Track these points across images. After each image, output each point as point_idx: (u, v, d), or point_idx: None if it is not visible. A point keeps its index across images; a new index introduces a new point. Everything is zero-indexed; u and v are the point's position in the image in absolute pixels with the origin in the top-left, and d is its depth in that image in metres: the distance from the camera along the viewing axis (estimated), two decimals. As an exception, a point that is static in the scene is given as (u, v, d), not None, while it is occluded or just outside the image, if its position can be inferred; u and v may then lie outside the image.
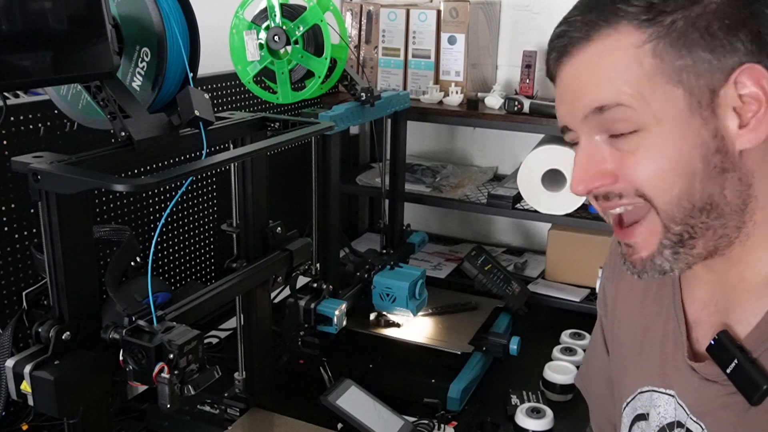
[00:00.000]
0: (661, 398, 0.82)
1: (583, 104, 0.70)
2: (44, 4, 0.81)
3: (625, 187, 0.71)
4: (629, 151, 0.69)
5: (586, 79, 0.70)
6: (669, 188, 0.68)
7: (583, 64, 0.70)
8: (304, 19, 1.34)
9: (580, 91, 0.71)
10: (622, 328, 0.92)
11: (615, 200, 0.72)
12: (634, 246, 0.73)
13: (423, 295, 1.53)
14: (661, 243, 0.71)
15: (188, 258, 1.57)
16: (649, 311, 0.87)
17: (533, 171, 1.72)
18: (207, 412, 1.26)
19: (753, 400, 0.70)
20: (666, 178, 0.68)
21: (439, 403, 1.36)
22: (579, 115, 0.71)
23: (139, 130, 0.91)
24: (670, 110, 0.67)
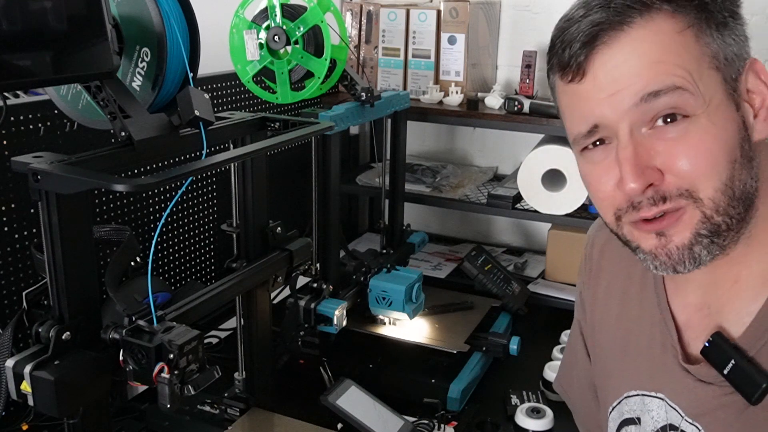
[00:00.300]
0: (652, 402, 0.81)
1: (633, 92, 0.66)
2: (44, 4, 0.81)
3: (672, 185, 0.67)
4: (677, 138, 0.66)
5: (635, 65, 0.66)
6: (718, 174, 0.66)
7: (625, 52, 0.66)
8: (305, 20, 1.34)
9: (627, 80, 0.66)
10: (603, 333, 0.91)
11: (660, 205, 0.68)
12: (668, 235, 0.69)
13: (420, 298, 1.52)
14: (698, 232, 0.68)
15: (188, 258, 1.57)
16: (631, 315, 0.85)
17: (533, 171, 1.72)
18: (207, 412, 1.26)
19: (753, 399, 0.69)
20: (716, 163, 0.66)
21: (439, 403, 1.36)
22: (624, 106, 0.67)
23: (139, 130, 0.91)
24: (715, 95, 0.66)
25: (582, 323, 0.97)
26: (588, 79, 0.68)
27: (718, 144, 0.66)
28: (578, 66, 0.68)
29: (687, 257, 0.69)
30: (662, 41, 0.65)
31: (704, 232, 0.68)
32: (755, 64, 0.69)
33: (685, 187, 0.67)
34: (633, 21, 0.66)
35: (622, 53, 0.66)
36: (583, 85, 0.69)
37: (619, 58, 0.66)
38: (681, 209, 0.68)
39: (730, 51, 0.67)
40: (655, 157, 0.67)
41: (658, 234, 0.70)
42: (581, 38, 0.67)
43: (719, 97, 0.66)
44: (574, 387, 1.01)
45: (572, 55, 0.68)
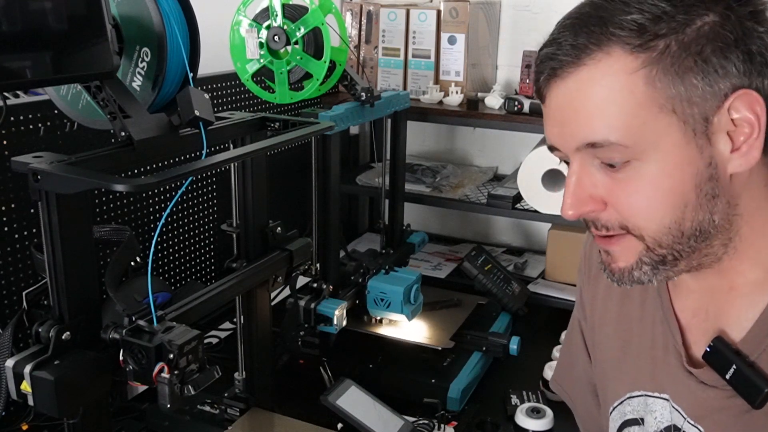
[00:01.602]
0: (656, 403, 0.82)
1: (575, 136, 0.68)
2: (44, 4, 0.81)
3: (611, 218, 0.70)
4: (621, 179, 0.68)
5: (578, 107, 0.67)
6: (659, 219, 0.68)
7: (573, 89, 0.67)
8: (306, 21, 1.34)
9: (572, 120, 0.68)
10: (603, 333, 0.91)
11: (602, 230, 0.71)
12: (613, 255, 0.73)
13: (418, 299, 1.52)
14: (640, 260, 0.70)
15: (188, 258, 1.57)
16: (631, 315, 0.86)
17: (533, 171, 1.72)
18: (207, 412, 1.26)
19: (756, 403, 0.70)
20: (658, 209, 0.67)
21: (439, 403, 1.36)
22: (571, 145, 0.70)
23: (139, 130, 0.91)
24: (664, 139, 0.65)
25: (582, 323, 0.97)
26: (547, 105, 0.71)
27: (660, 192, 0.67)
28: (539, 90, 0.71)
29: (627, 278, 0.72)
30: (608, 84, 0.65)
31: (647, 260, 0.70)
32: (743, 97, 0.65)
33: (625, 224, 0.69)
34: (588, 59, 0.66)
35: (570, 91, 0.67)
36: (545, 108, 0.72)
37: (567, 96, 0.68)
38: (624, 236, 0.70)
39: (696, 92, 0.64)
40: (601, 188, 0.69)
41: (605, 251, 0.74)
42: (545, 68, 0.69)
43: (671, 141, 0.65)
44: (577, 388, 1.01)
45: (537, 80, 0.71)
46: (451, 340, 1.51)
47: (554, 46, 0.68)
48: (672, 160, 0.66)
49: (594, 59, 0.65)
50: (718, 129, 0.66)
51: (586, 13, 0.67)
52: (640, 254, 0.70)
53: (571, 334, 1.02)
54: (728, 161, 0.67)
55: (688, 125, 0.65)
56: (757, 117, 0.65)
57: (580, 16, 0.67)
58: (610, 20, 0.65)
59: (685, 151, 0.66)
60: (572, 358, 1.01)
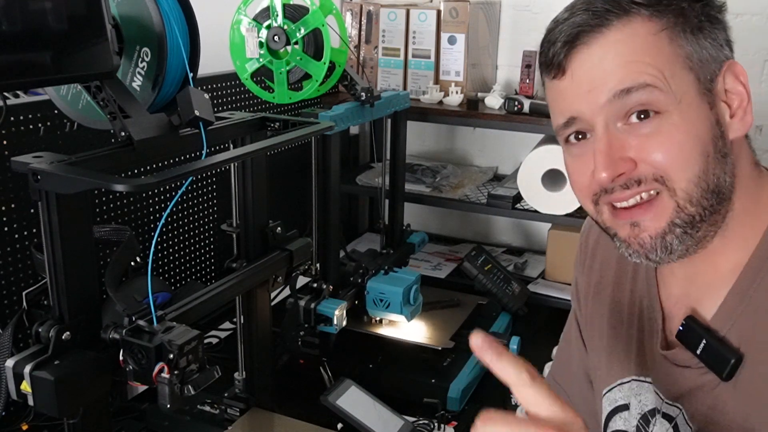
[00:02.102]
0: (642, 386, 0.85)
1: (607, 89, 0.70)
2: (44, 4, 0.81)
3: (645, 171, 0.71)
4: (650, 133, 0.70)
5: (610, 64, 0.70)
6: (691, 166, 0.70)
7: (603, 50, 0.70)
8: (306, 22, 1.34)
9: (603, 78, 0.70)
10: (597, 322, 0.94)
11: (633, 188, 0.72)
12: (642, 225, 0.73)
13: (417, 300, 1.52)
14: (672, 222, 0.72)
15: (188, 258, 1.57)
16: (622, 303, 0.89)
17: (533, 171, 1.72)
18: (207, 412, 1.26)
19: (723, 375, 0.73)
20: (688, 156, 0.70)
21: (439, 403, 1.36)
22: (599, 102, 0.71)
23: (139, 130, 0.91)
24: (687, 93, 0.70)
25: (578, 313, 1.00)
26: (567, 76, 0.73)
27: (689, 138, 0.70)
28: (559, 64, 0.73)
29: (659, 246, 0.73)
30: (637, 43, 0.70)
31: (678, 221, 0.72)
32: (733, 66, 0.72)
33: (660, 174, 0.71)
34: (611, 23, 0.70)
35: (598, 53, 0.71)
36: (563, 81, 0.74)
37: (595, 58, 0.71)
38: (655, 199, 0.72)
39: (705, 53, 0.70)
40: (629, 149, 0.71)
41: (633, 224, 0.74)
42: (563, 38, 0.72)
43: (691, 96, 0.70)
44: (573, 380, 1.02)
45: (555, 54, 0.73)
46: (451, 340, 1.51)
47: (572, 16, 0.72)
48: (693, 112, 0.70)
49: (618, 25, 0.70)
50: (718, 93, 0.72)
51: None
52: (671, 216, 0.72)
53: (568, 329, 1.05)
54: (729, 126, 0.72)
55: (701, 84, 0.71)
56: (744, 85, 0.72)
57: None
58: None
59: (701, 107, 0.71)
60: (569, 353, 1.03)
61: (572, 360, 1.01)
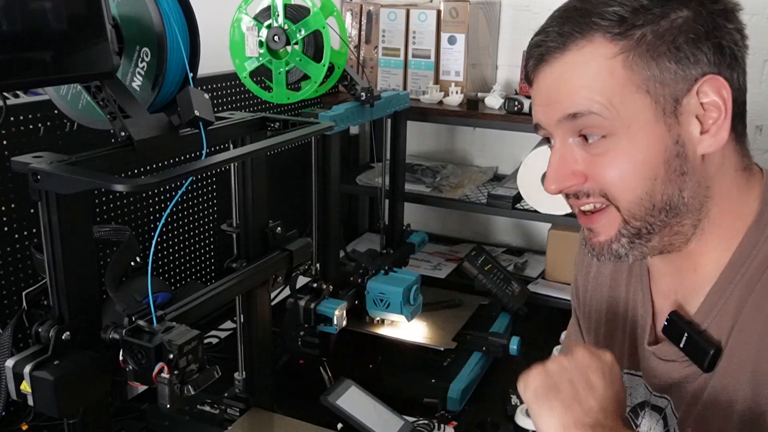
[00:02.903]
0: (633, 380, 0.90)
1: (559, 109, 0.75)
2: (44, 4, 0.81)
3: (592, 187, 0.76)
4: (599, 154, 0.74)
5: (562, 86, 0.75)
6: (632, 189, 0.74)
7: (559, 71, 0.75)
8: (307, 23, 1.34)
9: (556, 98, 0.75)
10: (593, 317, 0.97)
11: (583, 198, 0.77)
12: (595, 231, 0.79)
13: (417, 300, 1.52)
14: (619, 232, 0.76)
15: (188, 258, 1.57)
16: (618, 298, 0.93)
17: (533, 171, 1.72)
18: (207, 412, 1.26)
19: (704, 366, 0.76)
20: (630, 180, 0.73)
21: (439, 403, 1.36)
22: (554, 119, 0.76)
23: (139, 130, 0.91)
24: (637, 117, 0.72)
25: (577, 310, 1.03)
26: (534, 88, 0.79)
27: (633, 163, 0.73)
28: (527, 75, 0.80)
29: (606, 251, 0.78)
30: (591, 66, 0.72)
31: (624, 232, 0.76)
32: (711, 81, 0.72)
33: (603, 192, 0.76)
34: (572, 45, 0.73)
35: (556, 74, 0.75)
36: (533, 91, 0.80)
37: (553, 77, 0.75)
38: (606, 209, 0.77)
39: (667, 75, 0.71)
40: (580, 163, 0.76)
41: (588, 228, 0.80)
42: (534, 54, 0.77)
43: (644, 119, 0.72)
44: None
45: (527, 65, 0.79)
46: (454, 340, 1.51)
47: (543, 34, 0.76)
48: (644, 136, 0.73)
49: (578, 45, 0.73)
50: (687, 111, 0.72)
51: (573, 6, 0.75)
52: (619, 227, 0.76)
53: (570, 328, 1.07)
54: (698, 143, 0.73)
55: (659, 105, 0.72)
56: (724, 100, 0.72)
57: (567, 9, 0.75)
58: (594, 11, 0.72)
59: (656, 129, 0.72)
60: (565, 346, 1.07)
61: None
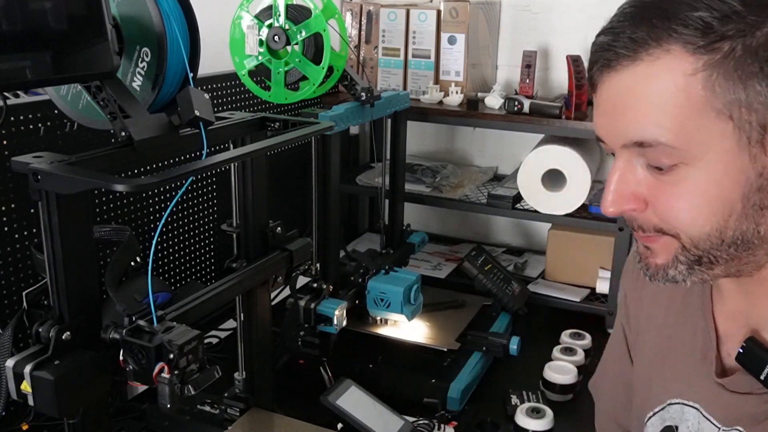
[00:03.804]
0: (689, 412, 0.81)
1: (623, 132, 0.66)
2: (44, 4, 0.81)
3: (648, 220, 0.68)
4: (666, 181, 0.66)
5: (629, 103, 0.65)
6: (700, 226, 0.65)
7: (627, 84, 0.65)
8: (308, 25, 1.34)
9: (621, 115, 0.66)
10: (647, 338, 0.89)
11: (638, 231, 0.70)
12: (652, 250, 0.71)
13: (418, 300, 1.52)
14: (676, 257, 0.68)
15: (188, 258, 1.57)
16: (675, 321, 0.84)
17: (533, 171, 1.72)
18: (207, 412, 1.26)
19: None
20: (700, 216, 0.65)
21: (439, 403, 1.36)
22: (618, 141, 0.67)
23: (139, 130, 0.91)
24: (716, 146, 0.63)
25: (625, 326, 0.95)
26: (598, 96, 0.69)
27: (706, 199, 0.64)
28: (591, 79, 0.69)
29: (661, 275, 0.71)
30: (663, 84, 0.62)
31: (682, 258, 0.68)
32: None
33: (662, 227, 0.68)
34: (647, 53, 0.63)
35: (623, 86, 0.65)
36: (595, 97, 0.70)
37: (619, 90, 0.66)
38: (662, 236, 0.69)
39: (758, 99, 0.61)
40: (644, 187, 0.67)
41: (645, 246, 0.72)
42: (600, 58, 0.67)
43: (723, 148, 0.63)
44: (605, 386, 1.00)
45: (590, 68, 0.69)
46: (457, 341, 1.50)
47: (611, 35, 0.65)
48: (722, 167, 0.63)
49: (652, 56, 0.63)
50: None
51: (650, 2, 0.64)
52: (676, 252, 0.68)
53: (613, 337, 1.00)
54: None
55: (743, 132, 0.62)
56: None
57: (644, 5, 0.64)
58: (675, 15, 0.61)
59: (737, 159, 0.63)
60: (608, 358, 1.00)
61: (610, 368, 0.99)
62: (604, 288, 1.74)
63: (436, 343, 1.51)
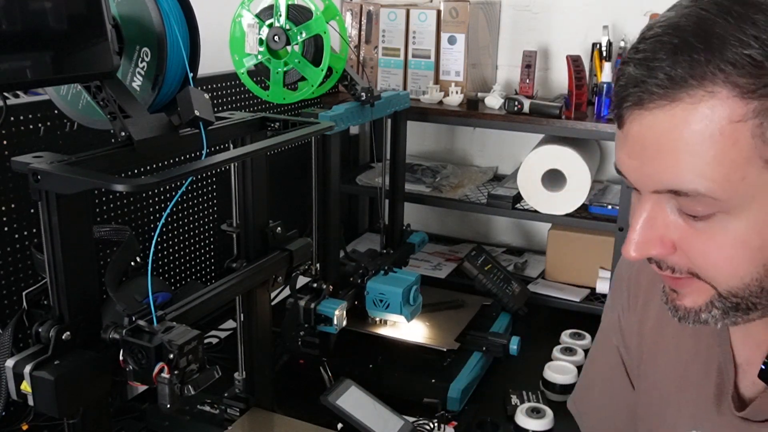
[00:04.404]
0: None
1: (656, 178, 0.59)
2: (44, 4, 0.81)
3: (681, 262, 0.62)
4: (701, 229, 0.60)
5: (665, 148, 0.57)
6: (740, 277, 0.60)
7: (663, 127, 0.57)
8: (309, 27, 1.34)
9: (655, 160, 0.59)
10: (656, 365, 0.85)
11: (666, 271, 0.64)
12: (680, 293, 0.65)
13: (417, 300, 1.52)
14: (711, 302, 0.63)
15: (188, 258, 1.57)
16: (688, 349, 0.80)
17: (533, 171, 1.72)
18: (207, 412, 1.26)
19: None
20: (738, 267, 0.60)
21: (439, 403, 1.36)
22: (649, 186, 0.61)
23: (139, 130, 0.91)
24: (763, 196, 0.57)
25: (622, 350, 0.91)
26: (624, 131, 0.61)
27: (747, 250, 0.59)
28: (618, 115, 0.62)
29: (692, 318, 0.66)
30: (706, 129, 0.55)
31: (718, 305, 0.63)
32: None
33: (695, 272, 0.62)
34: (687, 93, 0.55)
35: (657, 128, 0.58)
36: (621, 133, 0.62)
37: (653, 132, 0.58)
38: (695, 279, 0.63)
39: None
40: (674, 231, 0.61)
41: (672, 289, 0.67)
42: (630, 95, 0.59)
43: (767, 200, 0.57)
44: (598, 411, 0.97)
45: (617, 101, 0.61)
46: (456, 341, 1.50)
47: (644, 69, 0.57)
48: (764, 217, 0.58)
49: (693, 97, 0.55)
50: None
51: (691, 30, 0.56)
52: (712, 298, 0.63)
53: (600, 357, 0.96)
54: None
55: None
56: None
57: (683, 35, 0.56)
58: (721, 51, 0.54)
59: None
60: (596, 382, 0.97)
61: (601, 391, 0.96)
62: (604, 288, 1.74)
63: (436, 343, 1.51)
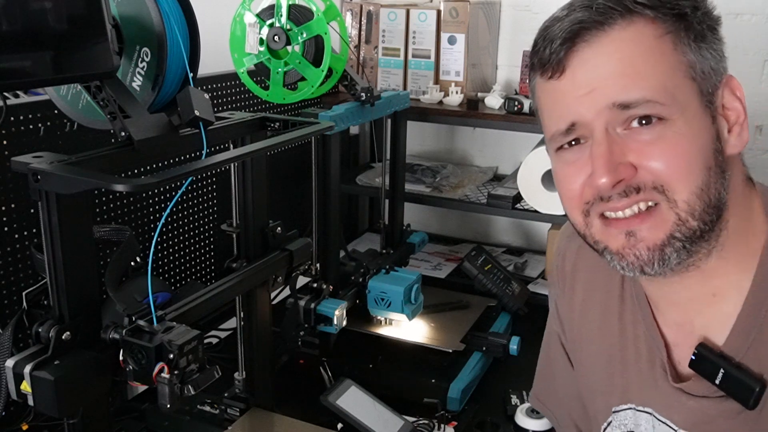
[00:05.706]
0: (641, 416, 0.81)
1: (607, 96, 0.67)
2: (44, 4, 0.81)
3: (645, 178, 0.67)
4: (652, 140, 0.66)
5: (611, 68, 0.66)
6: (694, 179, 0.66)
7: (605, 50, 0.67)
8: (309, 27, 1.34)
9: (603, 80, 0.67)
10: (585, 348, 0.89)
11: (632, 196, 0.68)
12: (639, 234, 0.69)
13: (418, 299, 1.52)
14: (672, 234, 0.68)
15: (188, 258, 1.57)
16: (612, 328, 0.85)
17: (533, 171, 1.72)
18: (207, 412, 1.26)
19: (749, 403, 0.69)
20: (692, 167, 0.66)
21: (439, 403, 1.36)
22: (599, 105, 0.67)
23: (139, 130, 0.91)
24: (690, 104, 0.66)
25: (561, 336, 0.96)
26: (567, 76, 0.69)
27: (694, 148, 0.66)
28: (558, 62, 0.69)
29: (657, 258, 0.69)
30: (641, 45, 0.66)
31: (678, 235, 0.68)
32: (731, 81, 0.69)
33: (660, 183, 0.67)
34: (614, 22, 0.66)
35: (601, 53, 0.67)
36: (562, 82, 0.69)
37: (598, 59, 0.67)
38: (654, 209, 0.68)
39: (706, 64, 0.67)
40: (629, 154, 0.67)
41: (628, 234, 0.70)
42: (563, 35, 0.68)
43: (695, 106, 0.67)
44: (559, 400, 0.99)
45: (553, 52, 0.69)
46: (462, 342, 1.50)
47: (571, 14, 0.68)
48: (696, 123, 0.67)
49: (620, 25, 0.66)
50: (718, 106, 0.69)
51: None
52: (671, 228, 0.68)
53: (549, 347, 1.00)
54: (726, 142, 0.69)
55: (703, 95, 0.67)
56: (740, 101, 0.69)
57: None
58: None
59: (704, 118, 0.67)
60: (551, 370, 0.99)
61: (559, 379, 0.98)
62: (604, 288, 1.74)
63: (441, 344, 1.50)
